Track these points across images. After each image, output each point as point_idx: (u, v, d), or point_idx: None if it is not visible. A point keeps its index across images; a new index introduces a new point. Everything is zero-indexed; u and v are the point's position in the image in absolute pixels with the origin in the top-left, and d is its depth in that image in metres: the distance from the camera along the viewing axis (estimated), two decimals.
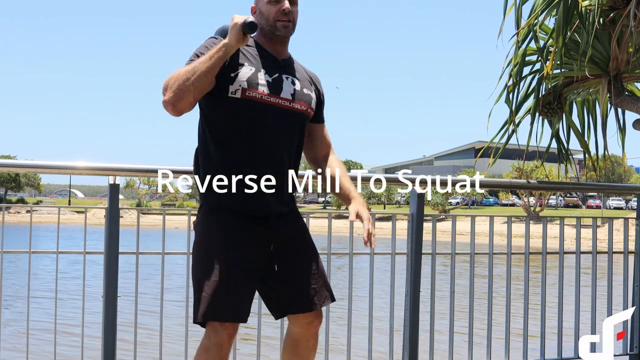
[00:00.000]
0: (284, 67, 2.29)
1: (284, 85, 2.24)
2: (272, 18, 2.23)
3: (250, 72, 2.20)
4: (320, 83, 2.45)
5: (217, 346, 2.09)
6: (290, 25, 2.25)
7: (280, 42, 2.29)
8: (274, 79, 2.23)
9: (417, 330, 3.37)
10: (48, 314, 6.39)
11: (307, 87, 2.33)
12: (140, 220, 3.33)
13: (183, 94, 2.06)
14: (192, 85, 2.06)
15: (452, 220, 3.63)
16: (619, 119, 3.73)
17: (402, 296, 3.40)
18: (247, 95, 2.17)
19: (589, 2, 3.19)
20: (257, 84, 2.19)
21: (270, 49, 2.29)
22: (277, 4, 2.23)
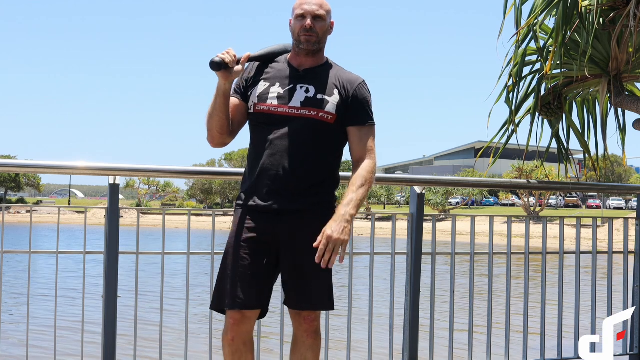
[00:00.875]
0: (303, 76, 2.48)
1: (296, 95, 2.44)
2: (297, 33, 2.46)
3: (263, 87, 2.47)
4: (358, 86, 2.48)
5: (225, 330, 2.44)
6: (313, 39, 2.45)
7: (305, 54, 2.48)
8: (287, 90, 2.45)
9: (417, 330, 3.37)
10: (50, 312, 6.38)
11: (325, 92, 2.45)
12: (140, 220, 3.33)
13: (209, 133, 2.49)
14: (209, 125, 2.47)
15: (452, 220, 3.63)
16: (619, 119, 3.73)
17: (402, 296, 3.40)
18: (257, 109, 2.46)
19: (589, 2, 3.19)
20: (266, 97, 2.45)
21: (295, 61, 2.52)
22: (302, 20, 2.45)
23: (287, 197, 2.41)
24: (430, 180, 4.56)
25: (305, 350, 2.48)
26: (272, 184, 2.41)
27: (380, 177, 3.35)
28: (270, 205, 2.41)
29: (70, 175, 3.26)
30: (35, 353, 3.43)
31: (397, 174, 3.42)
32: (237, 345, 2.42)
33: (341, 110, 2.44)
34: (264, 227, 2.42)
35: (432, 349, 3.45)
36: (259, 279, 2.41)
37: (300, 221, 2.41)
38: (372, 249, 3.39)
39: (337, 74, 2.50)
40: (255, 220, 2.43)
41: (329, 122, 2.42)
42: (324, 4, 2.47)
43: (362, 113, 2.47)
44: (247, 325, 2.43)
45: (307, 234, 2.38)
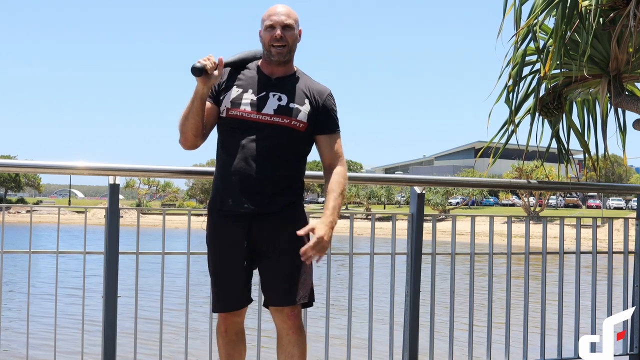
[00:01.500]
0: (275, 85, 2.57)
1: (268, 102, 2.53)
2: (267, 43, 2.55)
3: (237, 93, 2.56)
4: (327, 97, 2.62)
5: (218, 323, 2.64)
6: (285, 50, 2.55)
7: (277, 64, 2.58)
8: (260, 97, 2.55)
9: (417, 330, 3.37)
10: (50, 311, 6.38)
11: (297, 101, 2.55)
12: (140, 220, 3.33)
13: (183, 135, 2.56)
14: (184, 127, 2.54)
15: (452, 220, 3.63)
16: (619, 119, 3.73)
17: (402, 296, 3.40)
18: (230, 114, 2.54)
19: (589, 2, 3.19)
20: (240, 103, 2.54)
21: (266, 70, 2.61)
22: (271, 30, 2.53)
23: (260, 200, 2.50)
24: (430, 180, 4.56)
25: (292, 346, 2.56)
26: (245, 188, 2.50)
27: (380, 177, 3.36)
28: (244, 209, 2.50)
29: (70, 175, 3.25)
30: (35, 352, 3.43)
31: (397, 174, 3.40)
32: (230, 336, 2.62)
33: (312, 119, 2.56)
34: (239, 230, 2.52)
35: (432, 349, 3.45)
36: (240, 280, 2.56)
37: (275, 223, 2.53)
38: (372, 249, 3.39)
39: (307, 84, 2.62)
40: (229, 224, 2.53)
41: (300, 130, 2.54)
42: (291, 13, 2.57)
43: (330, 122, 2.62)
44: (239, 317, 2.62)
45: (282, 234, 2.52)
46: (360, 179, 4.32)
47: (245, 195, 2.49)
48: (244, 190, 2.49)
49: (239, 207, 2.50)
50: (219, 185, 2.56)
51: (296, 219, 2.56)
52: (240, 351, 2.66)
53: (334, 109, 2.64)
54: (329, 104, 2.61)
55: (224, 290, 2.57)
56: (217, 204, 2.56)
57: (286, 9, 2.56)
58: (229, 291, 2.57)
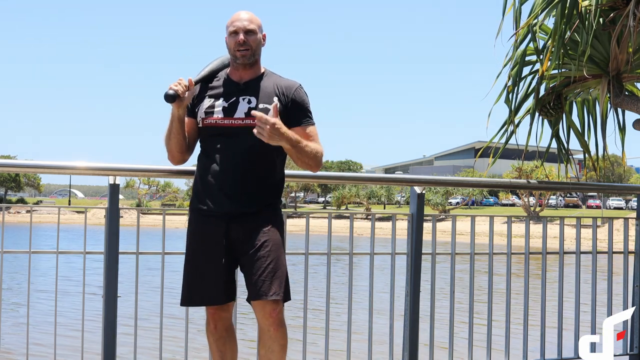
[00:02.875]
0: (244, 89, 2.68)
1: (239, 107, 2.63)
2: (232, 49, 2.67)
3: (209, 102, 2.68)
4: (295, 90, 2.70)
5: (207, 321, 2.72)
6: (248, 53, 2.65)
7: (244, 68, 2.69)
8: (230, 103, 2.65)
9: (417, 330, 3.37)
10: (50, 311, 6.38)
11: (266, 101, 2.64)
12: (140, 220, 3.33)
13: (170, 153, 2.73)
14: (169, 146, 2.70)
15: (452, 220, 3.63)
16: (619, 119, 3.73)
17: (402, 296, 3.40)
18: (205, 123, 2.66)
19: (589, 2, 3.19)
20: (212, 112, 2.65)
21: (235, 76, 2.72)
22: (235, 36, 2.64)
23: (239, 201, 2.61)
24: (430, 180, 4.56)
25: (272, 342, 2.63)
26: (223, 189, 2.60)
27: (380, 177, 3.37)
28: (224, 209, 2.60)
29: (70, 175, 3.25)
30: (35, 352, 3.43)
31: (397, 174, 3.40)
32: (219, 333, 2.70)
33: (283, 116, 2.63)
34: (218, 229, 2.61)
35: (432, 349, 3.45)
36: (218, 277, 2.64)
37: (252, 223, 2.62)
38: (372, 249, 3.39)
39: (276, 82, 2.71)
40: (209, 224, 2.63)
41: None
42: (253, 19, 2.68)
43: (302, 114, 2.69)
44: (225, 312, 2.70)
45: (260, 233, 2.61)
46: (360, 179, 4.32)
47: (223, 196, 2.60)
48: (222, 192, 2.60)
49: (218, 208, 2.61)
50: (199, 187, 2.68)
51: (273, 219, 2.67)
52: (232, 347, 2.74)
53: (305, 101, 2.71)
54: (298, 97, 2.70)
55: (200, 285, 2.64)
56: (197, 205, 2.67)
57: (249, 15, 2.68)
58: (206, 286, 2.64)
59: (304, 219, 3.34)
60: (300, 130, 2.67)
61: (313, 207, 69.04)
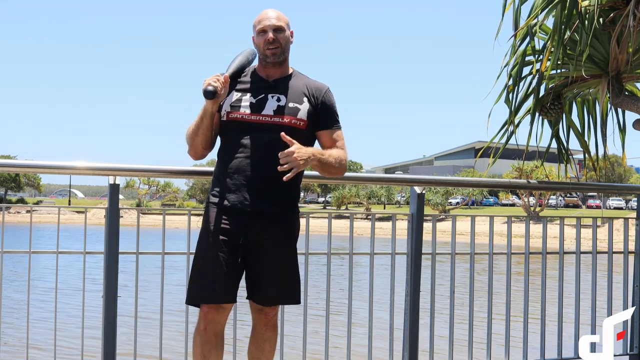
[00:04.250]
0: (273, 87, 2.66)
1: (267, 104, 2.61)
2: (262, 47, 2.64)
3: (236, 97, 2.64)
4: (325, 93, 2.70)
5: (198, 321, 2.62)
6: (279, 51, 2.64)
7: (273, 66, 2.66)
8: (259, 100, 2.62)
9: (417, 330, 3.37)
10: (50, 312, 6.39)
11: (295, 100, 2.63)
12: (140, 220, 3.33)
13: (193, 149, 2.68)
14: (194, 141, 2.65)
15: (452, 220, 3.63)
16: (619, 119, 3.73)
17: (402, 296, 3.40)
18: (231, 117, 2.62)
19: (589, 2, 3.19)
20: (239, 106, 2.62)
21: (263, 73, 2.69)
22: (264, 34, 2.63)
23: (260, 198, 2.58)
24: (430, 180, 4.56)
25: (264, 342, 2.67)
26: (245, 186, 2.57)
27: (380, 177, 3.37)
28: (243, 206, 2.57)
29: (70, 175, 3.26)
30: (35, 352, 3.43)
31: (397, 174, 3.40)
32: (208, 336, 2.60)
33: (312, 117, 2.64)
34: (237, 226, 2.58)
35: (432, 349, 3.45)
36: (233, 275, 2.60)
37: (270, 223, 2.60)
38: (372, 249, 3.39)
39: (305, 83, 2.70)
40: (228, 220, 2.59)
41: (301, 128, 2.62)
42: (281, 17, 2.67)
43: (330, 118, 2.70)
44: (221, 316, 2.61)
45: (275, 235, 2.61)
46: (360, 179, 4.31)
47: (246, 194, 2.56)
48: (245, 189, 2.56)
49: (239, 205, 2.57)
50: (220, 183, 2.63)
51: (291, 221, 2.66)
52: (218, 355, 2.62)
53: (333, 104, 2.72)
54: (327, 99, 2.69)
55: (211, 282, 2.56)
56: (217, 200, 2.62)
57: (276, 13, 2.66)
58: (218, 283, 2.56)
59: (304, 219, 3.33)
60: (328, 134, 2.68)
61: (313, 207, 69.03)
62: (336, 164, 2.62)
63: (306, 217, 3.32)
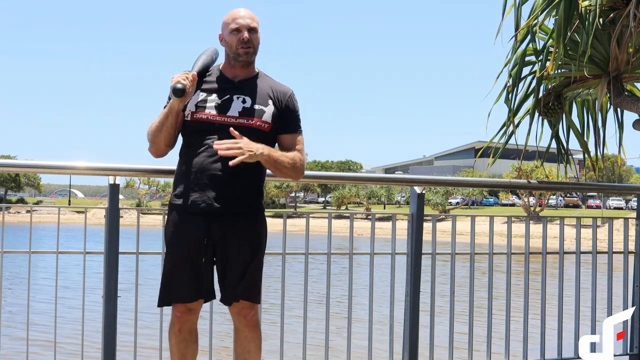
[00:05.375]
0: (239, 87, 2.65)
1: (233, 105, 2.61)
2: (234, 46, 2.62)
3: (201, 97, 2.63)
4: (289, 97, 2.71)
5: (172, 323, 2.68)
6: (251, 50, 2.64)
7: (241, 66, 2.66)
8: (224, 100, 2.62)
9: (417, 330, 3.37)
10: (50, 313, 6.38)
11: (261, 102, 2.64)
12: (140, 220, 3.33)
13: (154, 146, 2.66)
14: (157, 139, 2.64)
15: (452, 220, 3.63)
16: (619, 119, 3.73)
17: (402, 296, 3.40)
18: (195, 117, 2.62)
19: (589, 3, 3.19)
20: (205, 107, 2.61)
21: (229, 73, 2.69)
22: (238, 33, 2.61)
23: (222, 198, 2.58)
24: (430, 180, 4.57)
25: (248, 342, 2.69)
26: (208, 185, 2.57)
27: (380, 177, 3.37)
28: (207, 206, 2.57)
29: (70, 175, 3.26)
30: (35, 351, 3.43)
31: (397, 174, 3.40)
32: (183, 335, 2.67)
33: (276, 119, 2.65)
34: (200, 226, 2.59)
35: (432, 349, 3.45)
36: (198, 276, 2.62)
37: (235, 223, 2.61)
38: (372, 249, 3.39)
39: (270, 85, 2.70)
40: (191, 220, 2.60)
41: (265, 130, 2.63)
42: (254, 17, 2.67)
43: (293, 122, 2.71)
44: (192, 316, 2.67)
45: (241, 235, 2.62)
46: (360, 179, 4.32)
47: (209, 194, 2.57)
48: (208, 189, 2.57)
49: (202, 205, 2.57)
50: (182, 183, 2.63)
51: (256, 220, 2.67)
52: (193, 351, 2.71)
53: (297, 108, 2.73)
54: (291, 104, 2.71)
55: (178, 283, 2.61)
56: (179, 201, 2.63)
57: (249, 13, 2.66)
58: (184, 284, 2.60)
59: (304, 219, 3.34)
60: (289, 138, 2.69)
61: (313, 207, 69.03)
62: (289, 165, 2.62)
63: (306, 217, 3.33)
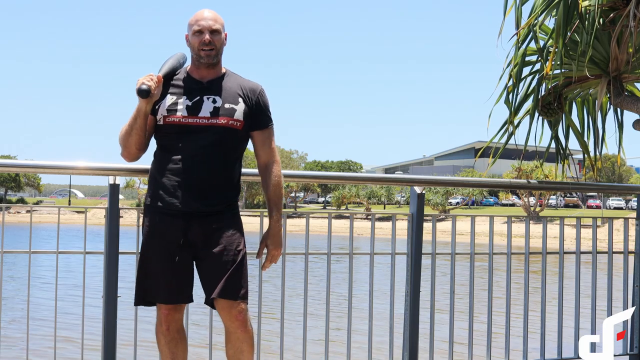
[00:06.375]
0: (208, 88, 2.67)
1: (204, 106, 2.63)
2: (196, 48, 2.65)
3: (171, 100, 2.64)
4: (259, 93, 2.73)
5: (159, 322, 2.70)
6: (213, 52, 2.65)
7: (206, 67, 2.68)
8: (194, 102, 2.64)
9: (417, 330, 3.37)
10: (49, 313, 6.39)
11: (231, 101, 2.66)
12: (140, 220, 3.33)
13: (126, 150, 2.69)
14: (128, 142, 2.66)
15: (452, 220, 3.63)
16: (618, 119, 3.73)
17: (402, 296, 3.40)
18: (167, 121, 2.63)
19: (589, 3, 3.19)
20: (175, 110, 2.62)
21: (197, 74, 2.70)
22: (200, 35, 2.64)
23: (197, 199, 2.59)
24: (430, 180, 4.56)
25: (241, 343, 2.66)
26: (182, 187, 2.59)
27: (380, 177, 3.36)
28: (184, 208, 2.59)
29: (70, 175, 3.26)
30: (35, 352, 3.43)
31: (397, 174, 3.40)
32: (172, 334, 2.69)
33: (247, 117, 2.67)
34: (175, 227, 2.60)
35: (432, 349, 3.45)
36: (175, 275, 2.63)
37: (214, 223, 2.62)
38: (372, 249, 3.40)
39: (239, 83, 2.72)
40: (166, 221, 2.61)
41: (237, 129, 2.65)
42: (218, 18, 2.68)
43: (264, 117, 2.73)
44: (179, 314, 2.70)
45: (221, 233, 2.62)
46: (360, 179, 4.32)
47: (183, 195, 2.58)
48: (182, 190, 2.59)
49: (178, 206, 2.59)
50: (156, 185, 2.64)
51: (234, 219, 2.68)
52: (184, 349, 2.73)
53: (267, 103, 2.76)
54: (262, 100, 2.73)
55: (156, 284, 2.63)
56: (155, 202, 2.64)
57: (213, 14, 2.67)
58: (162, 285, 2.62)
59: (304, 219, 3.34)
60: (262, 134, 2.72)
61: (313, 207, 69.03)
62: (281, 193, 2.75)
63: (306, 217, 3.33)
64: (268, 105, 2.76)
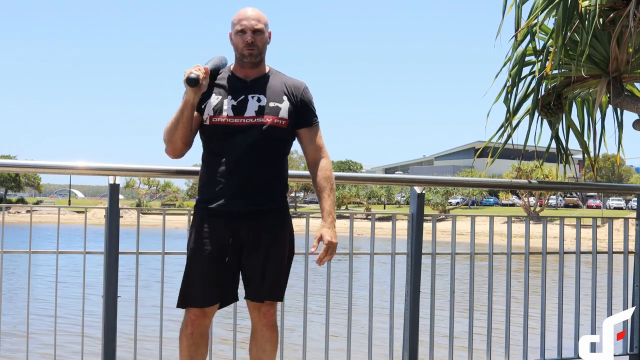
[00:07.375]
0: (252, 87, 2.67)
1: (249, 105, 2.63)
2: (240, 47, 2.65)
3: (217, 100, 2.64)
4: (303, 90, 2.72)
5: (185, 324, 2.67)
6: (256, 52, 2.64)
7: (249, 66, 2.67)
8: (239, 101, 2.63)
9: (417, 330, 3.37)
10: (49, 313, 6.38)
11: (276, 100, 2.65)
12: (140, 220, 3.33)
13: (171, 145, 2.65)
14: (174, 137, 2.62)
15: (452, 220, 3.63)
16: (618, 119, 3.74)
17: (402, 296, 3.40)
18: (214, 122, 2.62)
19: (589, 3, 3.20)
20: (221, 110, 2.62)
21: (241, 73, 2.70)
22: (243, 35, 2.63)
23: (246, 199, 2.60)
24: (430, 180, 4.57)
25: (264, 342, 2.68)
26: (231, 188, 2.59)
27: (380, 177, 3.37)
28: (234, 208, 2.59)
29: (70, 175, 3.26)
30: (35, 351, 3.43)
31: (397, 174, 3.40)
32: (195, 338, 2.67)
33: (292, 115, 2.66)
34: (225, 228, 2.60)
35: (432, 349, 3.45)
36: (221, 278, 2.63)
37: (262, 222, 2.62)
38: (372, 249, 3.40)
39: (283, 81, 2.72)
40: (217, 223, 2.61)
41: (283, 127, 2.64)
42: (261, 17, 2.66)
43: (309, 114, 2.72)
44: (206, 319, 2.68)
45: (269, 233, 2.63)
46: (360, 179, 4.32)
47: (232, 196, 2.59)
48: (231, 191, 2.58)
49: (227, 207, 2.59)
50: (206, 187, 2.65)
51: (281, 218, 2.68)
52: (203, 353, 2.71)
53: (312, 101, 2.74)
54: (306, 97, 2.72)
55: (198, 287, 2.62)
56: (205, 204, 2.64)
57: (256, 13, 2.66)
58: (204, 288, 2.61)
59: (304, 219, 3.34)
60: (308, 131, 2.71)
61: (313, 207, 69.00)
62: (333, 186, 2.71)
63: (306, 217, 3.32)
64: (312, 102, 2.74)
